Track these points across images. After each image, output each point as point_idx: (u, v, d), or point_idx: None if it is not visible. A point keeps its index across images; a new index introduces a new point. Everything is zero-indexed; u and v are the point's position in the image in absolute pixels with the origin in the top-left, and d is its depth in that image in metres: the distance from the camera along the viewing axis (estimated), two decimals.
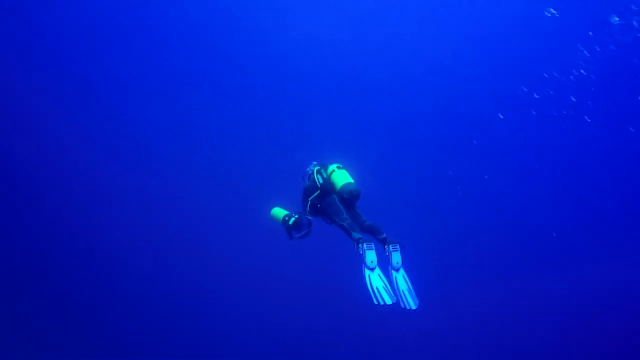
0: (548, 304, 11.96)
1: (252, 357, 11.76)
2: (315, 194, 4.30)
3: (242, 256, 12.70)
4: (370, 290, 3.41)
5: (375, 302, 3.36)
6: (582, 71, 11.16)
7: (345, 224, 3.86)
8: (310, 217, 4.34)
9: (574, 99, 11.60)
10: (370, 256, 3.51)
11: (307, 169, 4.63)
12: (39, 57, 12.70)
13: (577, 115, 11.80)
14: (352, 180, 4.16)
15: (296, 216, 4.29)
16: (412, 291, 3.54)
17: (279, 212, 4.46)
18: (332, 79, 13.77)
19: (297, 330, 11.97)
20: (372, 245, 3.59)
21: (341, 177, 4.16)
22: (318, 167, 4.46)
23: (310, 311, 11.94)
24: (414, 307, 3.45)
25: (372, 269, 3.50)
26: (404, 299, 3.48)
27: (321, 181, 4.30)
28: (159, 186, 13.37)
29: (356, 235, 3.72)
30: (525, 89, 12.03)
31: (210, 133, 13.77)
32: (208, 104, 13.57)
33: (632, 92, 11.59)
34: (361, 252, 3.53)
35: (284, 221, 4.33)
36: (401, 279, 3.58)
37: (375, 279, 3.46)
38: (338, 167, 4.28)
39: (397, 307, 3.43)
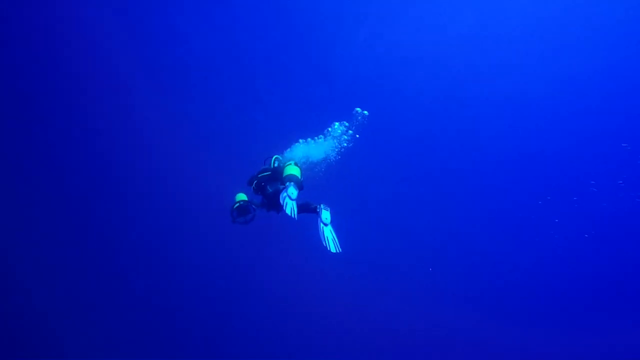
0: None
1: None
2: (266, 173, 4.95)
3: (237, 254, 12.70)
4: (284, 205, 4.27)
5: (287, 211, 4.24)
6: None
7: (278, 189, 4.56)
8: (256, 202, 4.90)
9: None
10: (291, 204, 4.31)
11: (270, 157, 5.22)
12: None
13: None
14: (299, 176, 4.74)
15: (241, 202, 4.79)
16: (337, 242, 4.37)
17: (237, 197, 4.96)
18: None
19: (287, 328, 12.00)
20: (296, 202, 4.37)
21: (292, 169, 4.78)
22: (278, 157, 5.11)
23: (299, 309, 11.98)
24: (334, 251, 4.25)
25: (285, 208, 4.28)
26: (328, 244, 4.28)
27: (275, 165, 4.98)
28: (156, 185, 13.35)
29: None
30: None
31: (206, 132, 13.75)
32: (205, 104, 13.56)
33: None
34: (284, 195, 4.34)
35: (231, 206, 4.85)
36: (328, 231, 4.40)
37: (289, 207, 4.29)
38: (295, 164, 4.87)
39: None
